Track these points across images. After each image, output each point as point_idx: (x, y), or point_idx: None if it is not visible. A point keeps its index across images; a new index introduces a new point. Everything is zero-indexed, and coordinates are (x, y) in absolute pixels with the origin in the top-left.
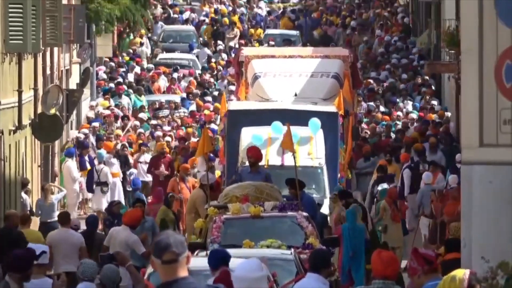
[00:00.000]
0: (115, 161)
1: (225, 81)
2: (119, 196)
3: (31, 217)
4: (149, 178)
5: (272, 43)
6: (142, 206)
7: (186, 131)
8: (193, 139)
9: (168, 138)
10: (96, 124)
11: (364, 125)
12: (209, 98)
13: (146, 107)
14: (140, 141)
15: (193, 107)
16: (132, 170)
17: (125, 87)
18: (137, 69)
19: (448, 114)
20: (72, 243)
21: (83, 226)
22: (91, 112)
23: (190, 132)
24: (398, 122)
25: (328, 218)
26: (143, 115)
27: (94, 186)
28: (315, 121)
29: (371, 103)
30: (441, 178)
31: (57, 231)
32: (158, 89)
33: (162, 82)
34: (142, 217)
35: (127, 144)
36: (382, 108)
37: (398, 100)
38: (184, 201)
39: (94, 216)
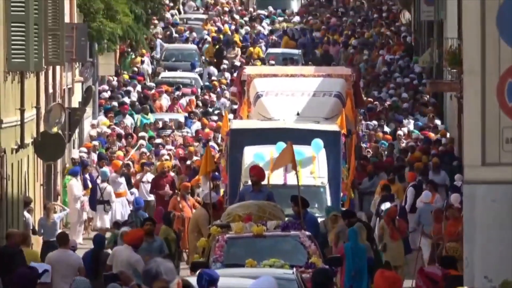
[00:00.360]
0: (122, 180)
1: (222, 99)
2: (125, 215)
3: (29, 236)
4: (151, 197)
5: (272, 62)
6: (152, 225)
7: (188, 150)
8: (196, 158)
9: (166, 157)
10: (96, 142)
11: (362, 144)
12: (214, 117)
13: (152, 124)
14: (143, 161)
15: (196, 126)
16: (133, 189)
17: (128, 103)
18: (139, 88)
19: (448, 134)
20: (71, 263)
21: (87, 246)
22: (93, 131)
23: (192, 150)
24: (404, 141)
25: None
26: (143, 134)
27: (97, 204)
28: (317, 142)
29: (370, 122)
30: (439, 198)
31: (55, 252)
32: (160, 108)
33: (164, 101)
34: (151, 236)
35: (131, 164)
36: (386, 128)
37: (407, 119)
38: (186, 219)
39: (101, 235)
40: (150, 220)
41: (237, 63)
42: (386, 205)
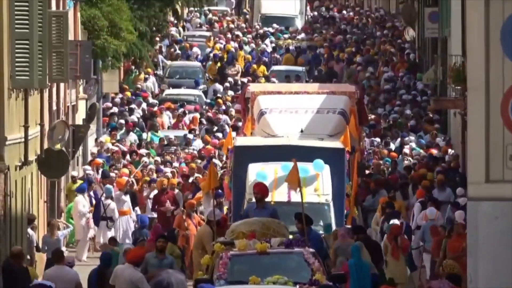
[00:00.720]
0: (127, 198)
1: (223, 116)
2: (129, 233)
3: (33, 254)
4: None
5: (273, 79)
6: (164, 243)
7: (190, 166)
8: (197, 175)
9: (169, 174)
10: (101, 160)
11: (367, 162)
12: (219, 135)
13: (158, 142)
14: (147, 178)
15: (196, 143)
16: (136, 208)
17: (136, 121)
18: (144, 105)
19: (451, 151)
20: (68, 280)
21: (92, 263)
22: (94, 148)
23: (194, 167)
24: (410, 159)
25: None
26: (143, 151)
27: (100, 220)
28: (319, 162)
29: (375, 139)
30: (440, 216)
31: (52, 268)
32: (161, 125)
33: (166, 118)
34: (163, 253)
35: (134, 181)
36: (392, 145)
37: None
38: (191, 237)
39: (108, 253)
40: (163, 238)
41: (238, 80)
42: (394, 222)
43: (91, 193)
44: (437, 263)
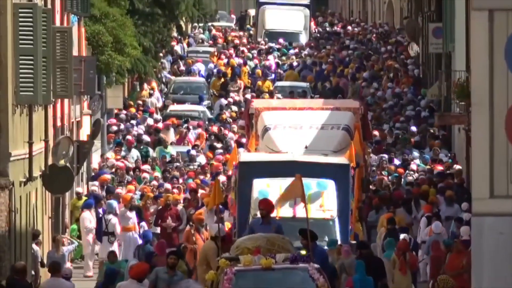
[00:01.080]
0: (132, 214)
1: (229, 133)
2: (132, 249)
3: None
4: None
5: (278, 95)
6: (176, 259)
7: (196, 182)
8: (202, 191)
9: (175, 190)
10: (108, 176)
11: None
12: (221, 150)
13: (160, 158)
14: (151, 194)
15: (199, 159)
16: (142, 223)
17: (142, 137)
18: (150, 121)
19: (456, 166)
20: None
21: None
22: (96, 163)
23: (199, 183)
24: (415, 175)
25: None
26: (146, 167)
27: (103, 236)
28: (321, 183)
29: (384, 155)
30: (444, 231)
31: (48, 280)
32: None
33: (171, 134)
34: (174, 269)
35: (138, 197)
36: (396, 161)
37: (414, 152)
38: (198, 252)
39: (112, 268)
40: (175, 254)
41: (241, 96)
42: (403, 237)
43: (100, 210)
44: (431, 278)
